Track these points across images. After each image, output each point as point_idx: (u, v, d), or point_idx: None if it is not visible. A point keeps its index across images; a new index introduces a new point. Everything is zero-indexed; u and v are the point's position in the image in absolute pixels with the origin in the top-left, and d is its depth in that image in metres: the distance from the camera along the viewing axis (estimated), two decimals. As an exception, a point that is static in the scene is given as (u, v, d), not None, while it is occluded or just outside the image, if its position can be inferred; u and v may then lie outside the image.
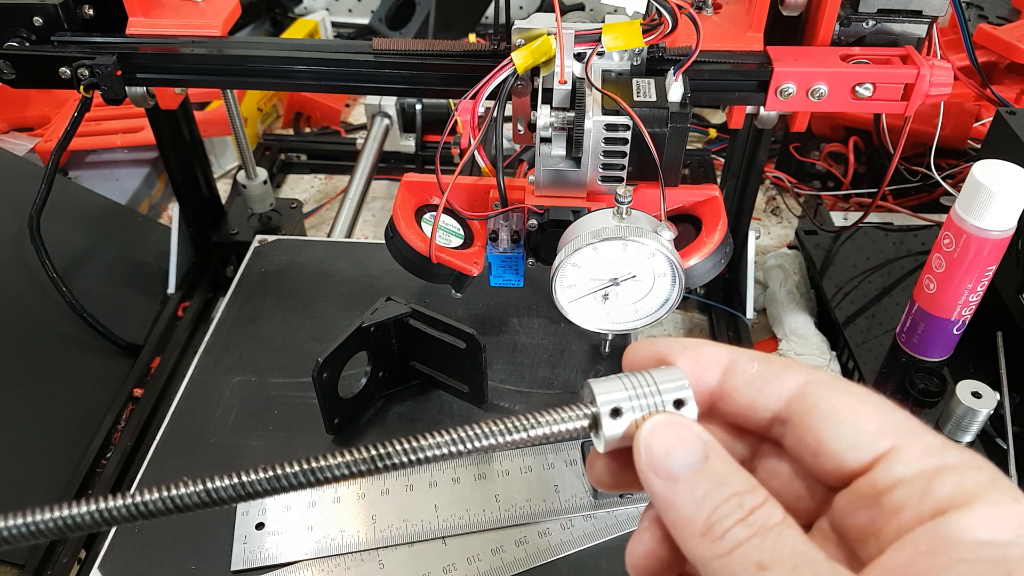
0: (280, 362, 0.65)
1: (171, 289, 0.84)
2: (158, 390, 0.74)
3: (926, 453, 0.22)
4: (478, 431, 0.24)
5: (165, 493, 0.22)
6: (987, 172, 0.58)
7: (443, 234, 0.57)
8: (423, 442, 0.23)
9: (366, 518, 0.54)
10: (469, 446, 0.24)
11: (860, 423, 0.23)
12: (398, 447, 0.23)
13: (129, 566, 0.52)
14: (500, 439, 0.24)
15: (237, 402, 0.62)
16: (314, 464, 0.23)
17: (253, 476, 0.22)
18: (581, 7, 1.28)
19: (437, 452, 0.23)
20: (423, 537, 0.53)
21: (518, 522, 0.53)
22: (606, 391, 0.24)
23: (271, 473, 0.22)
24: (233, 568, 0.51)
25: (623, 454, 0.25)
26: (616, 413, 0.24)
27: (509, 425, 0.24)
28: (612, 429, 0.24)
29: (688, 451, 0.23)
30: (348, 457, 0.23)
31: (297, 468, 0.23)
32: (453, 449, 0.23)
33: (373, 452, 0.23)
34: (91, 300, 0.73)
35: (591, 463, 0.26)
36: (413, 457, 0.23)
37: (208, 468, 0.57)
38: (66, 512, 0.21)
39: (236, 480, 0.22)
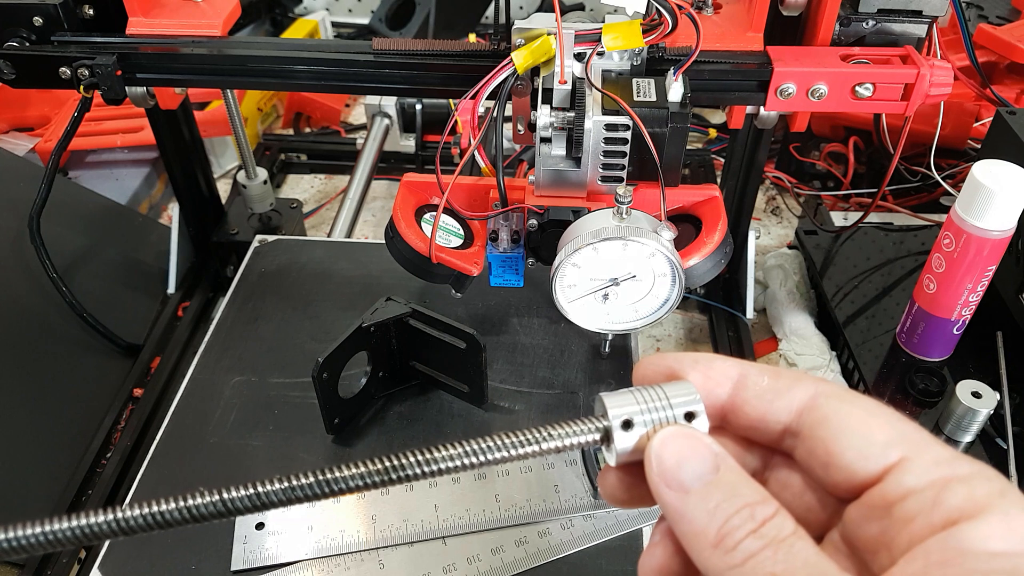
0: (280, 362, 0.65)
1: (171, 289, 0.84)
2: (158, 390, 0.74)
3: (936, 464, 0.22)
4: (491, 443, 0.24)
5: (182, 503, 0.22)
6: (987, 172, 0.58)
7: (443, 234, 0.57)
8: (437, 454, 0.23)
9: (366, 518, 0.54)
10: (482, 458, 0.24)
11: (870, 434, 0.23)
12: (412, 459, 0.23)
13: (129, 566, 0.52)
14: (513, 451, 0.24)
15: (237, 402, 0.62)
16: (328, 475, 0.23)
17: (269, 487, 0.22)
18: (581, 7, 1.28)
19: (451, 464, 0.23)
20: (423, 537, 0.53)
21: (518, 522, 0.53)
22: (618, 404, 0.24)
23: (286, 484, 0.23)
24: (233, 568, 0.51)
25: (636, 469, 0.25)
26: (628, 426, 0.24)
27: (522, 438, 0.24)
28: (624, 442, 0.24)
29: (699, 462, 0.23)
30: (362, 468, 0.23)
31: (312, 479, 0.23)
32: (466, 461, 0.23)
33: (387, 463, 0.23)
34: (91, 300, 0.73)
35: (603, 478, 0.26)
36: (427, 469, 0.23)
37: (208, 468, 0.57)
38: (83, 522, 0.21)
39: (252, 491, 0.22)
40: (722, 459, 0.23)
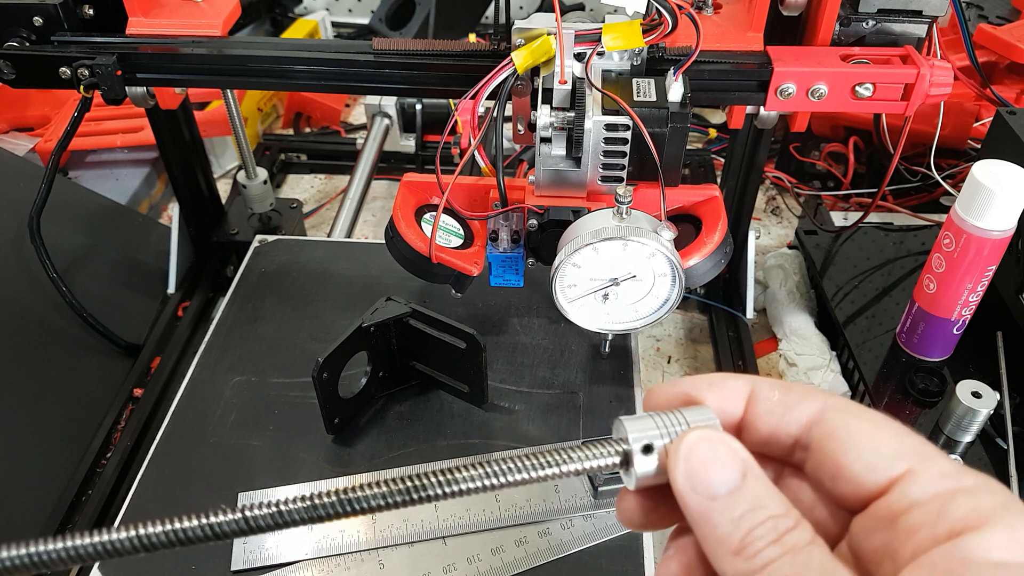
0: (280, 362, 0.65)
1: (171, 289, 0.84)
2: (158, 390, 0.74)
3: (942, 476, 0.22)
4: (512, 465, 0.24)
5: (204, 520, 0.23)
6: (987, 172, 0.58)
7: (443, 234, 0.57)
8: (458, 475, 0.24)
9: (366, 518, 0.54)
10: (503, 480, 0.24)
11: (877, 446, 0.23)
12: (433, 479, 0.23)
13: (129, 566, 0.52)
14: (533, 473, 0.24)
15: (237, 402, 0.62)
16: (351, 495, 0.23)
17: (291, 506, 0.23)
18: (581, 7, 1.28)
19: (472, 485, 0.24)
20: (423, 537, 0.53)
21: (518, 522, 0.53)
22: (638, 428, 0.24)
23: (308, 503, 0.23)
24: (233, 568, 0.51)
25: (654, 492, 0.25)
26: (648, 450, 0.24)
27: (542, 460, 0.24)
28: (644, 466, 0.24)
29: (726, 468, 0.23)
30: (384, 488, 0.23)
31: (334, 498, 0.23)
32: (487, 483, 0.24)
33: (409, 484, 0.23)
34: (91, 300, 0.73)
35: (621, 501, 0.26)
36: (448, 490, 0.23)
37: (208, 468, 0.57)
38: (105, 538, 0.22)
39: (274, 509, 0.23)
40: (748, 466, 0.23)
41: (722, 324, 0.81)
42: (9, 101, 1.02)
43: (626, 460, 0.25)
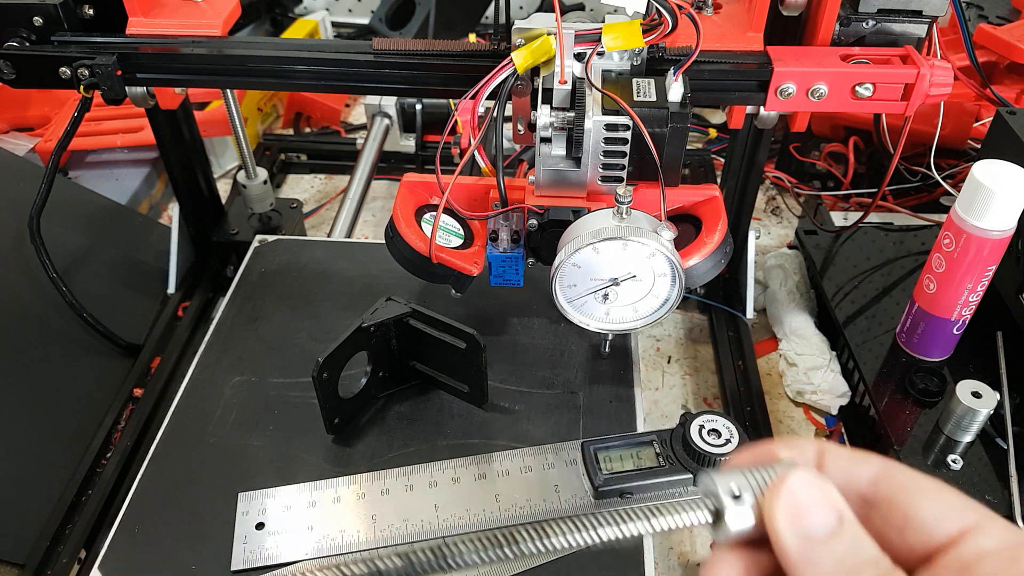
0: (280, 362, 0.65)
1: (171, 289, 0.84)
2: (158, 390, 0.74)
3: (1008, 530, 0.23)
4: (602, 520, 0.25)
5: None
6: (987, 172, 0.58)
7: (443, 234, 0.57)
8: (550, 529, 0.25)
9: (366, 518, 0.54)
10: (595, 535, 0.25)
11: (947, 499, 0.24)
12: (526, 534, 0.25)
13: (129, 566, 0.52)
14: (623, 528, 0.25)
15: (237, 402, 0.62)
16: (447, 550, 0.24)
17: (387, 563, 0.25)
18: (581, 7, 1.28)
19: (564, 541, 0.25)
20: (423, 537, 0.53)
21: (518, 522, 0.53)
22: (728, 483, 0.25)
23: (404, 561, 0.25)
24: (233, 568, 0.51)
25: (743, 552, 0.25)
26: (739, 502, 0.25)
27: (633, 515, 0.25)
28: (736, 519, 0.24)
29: (827, 511, 0.24)
30: (478, 543, 0.24)
31: (430, 555, 0.24)
32: (579, 538, 0.25)
33: (502, 538, 0.24)
34: (91, 300, 0.73)
35: (713, 569, 0.26)
36: (540, 544, 0.25)
37: (208, 468, 0.57)
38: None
39: (370, 568, 0.25)
40: (844, 511, 0.24)
41: (722, 324, 0.81)
42: (9, 101, 1.02)
43: (718, 515, 0.25)
